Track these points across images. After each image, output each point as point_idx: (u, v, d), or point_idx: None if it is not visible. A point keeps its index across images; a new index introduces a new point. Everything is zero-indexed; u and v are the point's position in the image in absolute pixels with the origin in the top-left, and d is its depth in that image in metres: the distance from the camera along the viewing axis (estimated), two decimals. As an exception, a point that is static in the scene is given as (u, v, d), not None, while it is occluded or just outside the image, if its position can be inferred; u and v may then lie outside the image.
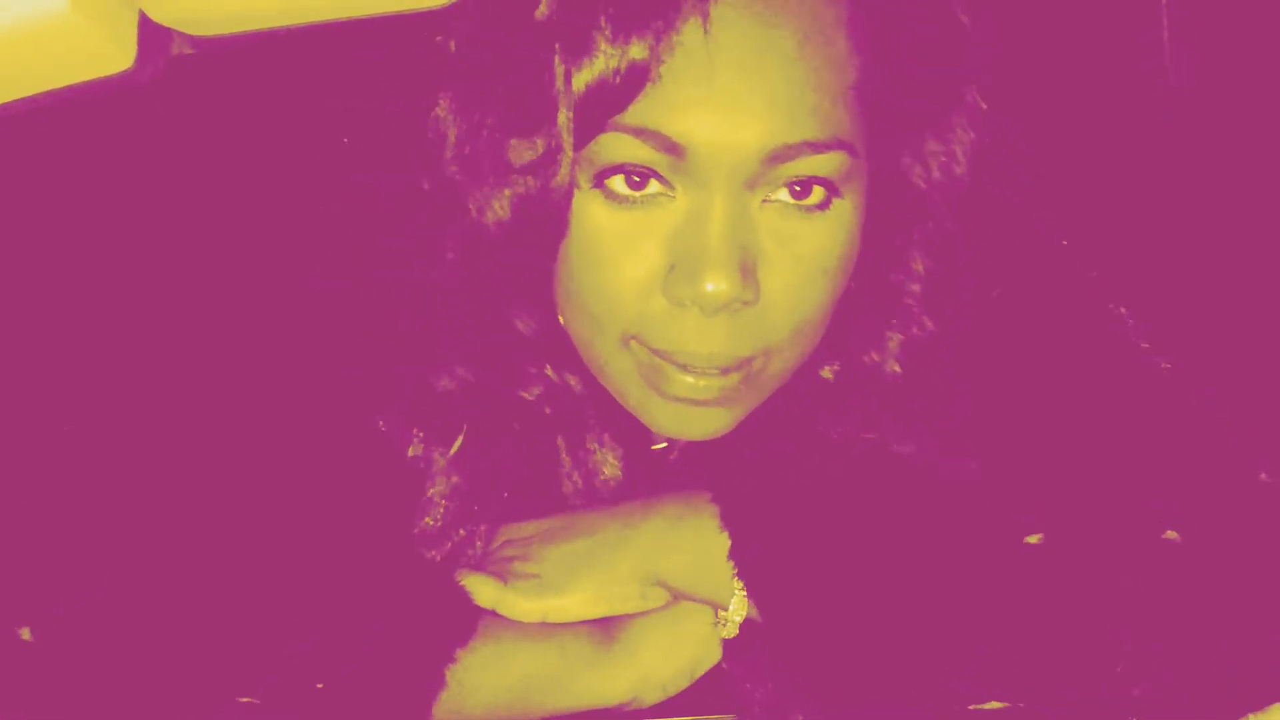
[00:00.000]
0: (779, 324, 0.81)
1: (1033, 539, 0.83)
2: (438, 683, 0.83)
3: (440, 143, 0.84)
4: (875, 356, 0.88)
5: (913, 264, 0.87)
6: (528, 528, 0.90)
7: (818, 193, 0.80)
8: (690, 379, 0.82)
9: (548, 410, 0.90)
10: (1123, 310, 0.91)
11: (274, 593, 0.83)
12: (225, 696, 0.81)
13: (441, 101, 0.83)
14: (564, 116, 0.78)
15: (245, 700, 0.81)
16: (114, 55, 0.71)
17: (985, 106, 0.85)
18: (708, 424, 0.85)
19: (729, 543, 0.84)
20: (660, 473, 0.94)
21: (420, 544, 0.88)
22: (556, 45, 0.77)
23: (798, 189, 0.79)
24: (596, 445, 0.91)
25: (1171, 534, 0.82)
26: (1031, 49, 1.23)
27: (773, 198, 0.79)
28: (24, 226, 1.01)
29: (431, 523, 0.88)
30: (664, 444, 0.95)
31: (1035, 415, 0.88)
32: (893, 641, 0.81)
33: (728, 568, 0.84)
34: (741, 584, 0.84)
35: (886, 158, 0.84)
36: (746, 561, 0.84)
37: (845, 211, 0.81)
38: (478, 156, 0.82)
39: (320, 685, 0.80)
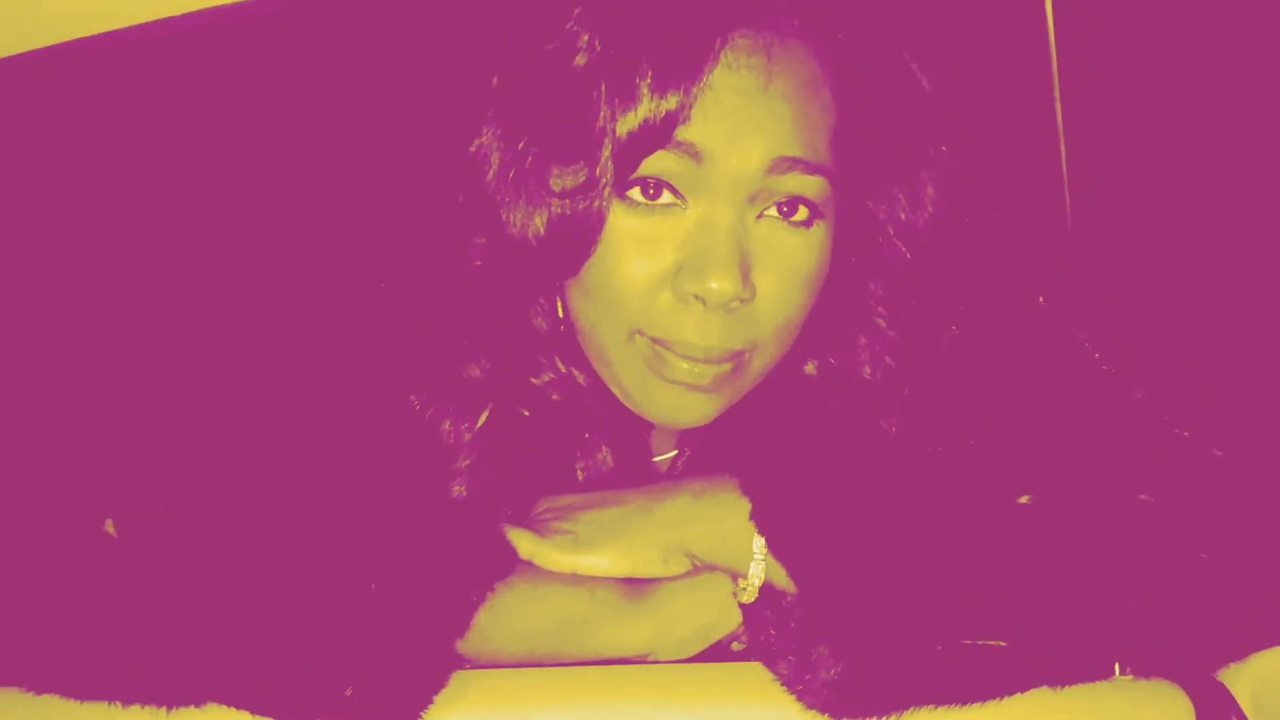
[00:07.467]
0: (766, 322, 0.95)
1: (1023, 499, 0.92)
2: (473, 605, 0.89)
3: (482, 165, 0.95)
4: (846, 357, 1.01)
5: (871, 285, 1.01)
6: (566, 499, 0.97)
7: (802, 212, 0.94)
8: (687, 365, 0.94)
9: (555, 397, 0.99)
10: (1081, 335, 1.04)
11: (339, 538, 0.89)
12: (303, 615, 0.85)
13: (485, 130, 0.95)
14: (607, 151, 0.90)
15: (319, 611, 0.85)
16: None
17: (952, 165, 1.00)
18: (697, 410, 0.96)
19: (749, 508, 0.92)
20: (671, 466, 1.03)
21: (454, 509, 0.94)
22: (603, 88, 0.90)
23: (785, 209, 0.94)
24: (597, 438, 1.00)
25: (1145, 497, 0.92)
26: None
27: (766, 214, 0.94)
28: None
29: (459, 491, 0.94)
30: (668, 454, 1.05)
31: (1020, 409, 0.99)
32: (905, 587, 0.88)
33: (747, 535, 0.91)
34: (762, 546, 0.91)
35: (856, 197, 0.98)
36: (768, 522, 0.91)
37: (821, 232, 0.95)
38: (519, 180, 0.94)
39: (373, 587, 0.85)
